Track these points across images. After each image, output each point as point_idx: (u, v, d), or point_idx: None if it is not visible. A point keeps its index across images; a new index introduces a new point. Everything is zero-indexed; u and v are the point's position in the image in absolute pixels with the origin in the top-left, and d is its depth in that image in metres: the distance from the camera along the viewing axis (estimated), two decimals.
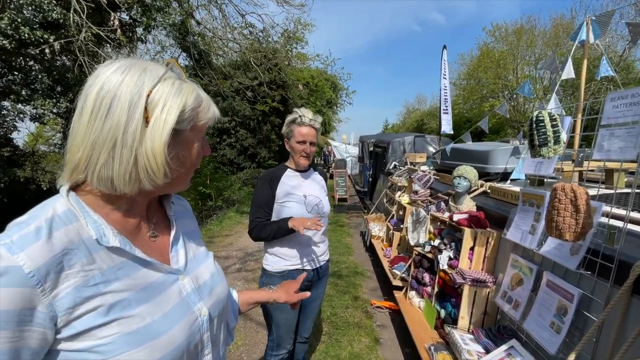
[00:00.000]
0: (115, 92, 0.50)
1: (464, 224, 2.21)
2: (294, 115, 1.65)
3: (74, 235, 0.50)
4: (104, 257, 0.52)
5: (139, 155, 0.52)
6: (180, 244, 0.68)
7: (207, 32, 8.50)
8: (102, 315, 0.49)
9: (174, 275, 0.62)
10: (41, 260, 0.45)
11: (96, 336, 0.49)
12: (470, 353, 1.83)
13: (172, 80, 0.55)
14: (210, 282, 0.69)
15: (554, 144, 1.47)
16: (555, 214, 1.29)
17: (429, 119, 34.28)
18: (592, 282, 1.37)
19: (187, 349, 0.59)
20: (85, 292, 0.49)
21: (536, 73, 18.67)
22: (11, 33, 4.19)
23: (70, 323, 0.48)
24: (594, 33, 2.38)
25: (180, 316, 0.59)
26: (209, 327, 0.65)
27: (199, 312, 0.63)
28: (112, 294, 0.51)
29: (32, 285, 0.44)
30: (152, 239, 0.64)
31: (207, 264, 0.72)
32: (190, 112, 0.56)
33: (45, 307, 0.46)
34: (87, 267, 0.50)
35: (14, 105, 4.98)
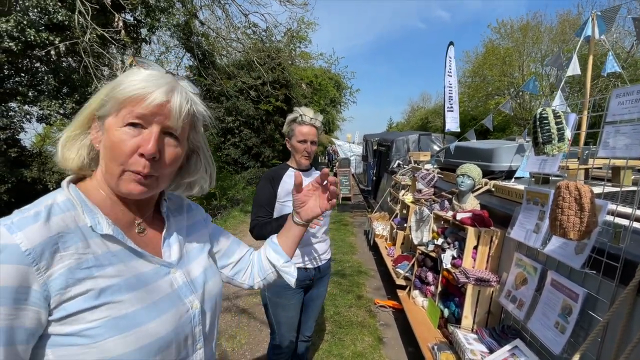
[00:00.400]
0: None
1: (467, 222, 2.19)
2: (294, 115, 1.65)
3: (70, 222, 0.53)
4: (98, 243, 0.55)
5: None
6: (174, 239, 0.70)
7: (211, 32, 8.53)
8: (93, 299, 0.51)
9: (165, 268, 0.64)
10: (37, 240, 0.48)
11: (85, 319, 0.50)
12: (474, 353, 1.81)
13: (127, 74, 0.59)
14: (203, 277, 0.71)
15: (558, 142, 1.45)
16: (559, 213, 1.27)
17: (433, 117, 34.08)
18: (597, 281, 1.35)
19: (176, 340, 0.60)
20: (78, 274, 0.51)
21: (542, 70, 18.45)
22: (17, 35, 4.24)
23: (62, 304, 0.49)
24: (599, 28, 2.35)
25: (170, 306, 0.60)
26: (201, 320, 0.66)
27: (190, 304, 0.64)
28: (104, 279, 0.53)
29: (27, 263, 0.46)
30: (141, 234, 0.65)
31: (201, 259, 0.73)
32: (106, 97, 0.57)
33: (39, 286, 0.47)
34: (81, 251, 0.52)
35: (20, 106, 5.04)
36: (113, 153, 0.56)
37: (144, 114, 0.56)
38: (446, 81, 5.51)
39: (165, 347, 0.57)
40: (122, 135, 0.55)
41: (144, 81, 0.56)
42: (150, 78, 0.57)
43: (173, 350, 0.59)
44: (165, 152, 0.59)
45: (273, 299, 1.69)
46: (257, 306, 3.29)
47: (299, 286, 1.71)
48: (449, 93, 5.53)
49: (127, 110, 0.55)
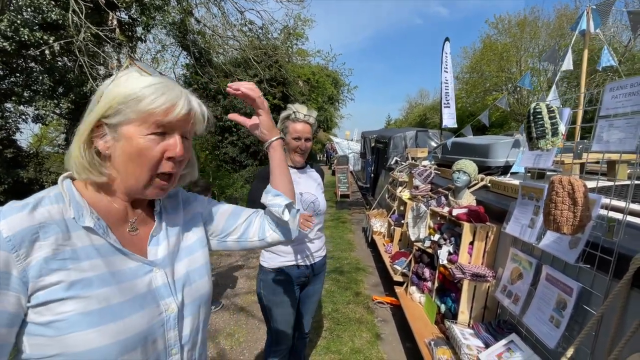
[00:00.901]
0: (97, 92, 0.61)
1: (463, 218, 2.20)
2: (288, 112, 1.65)
3: (55, 213, 0.55)
4: (82, 236, 0.56)
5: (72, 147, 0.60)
6: (162, 237, 0.70)
7: (207, 30, 8.48)
8: (62, 291, 0.52)
9: (147, 266, 0.64)
10: (18, 228, 0.50)
11: (54, 311, 0.51)
12: (470, 348, 1.82)
13: (128, 75, 0.61)
14: (186, 277, 0.69)
15: (552, 136, 1.45)
16: (552, 207, 1.27)
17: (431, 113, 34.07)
18: (592, 275, 1.36)
19: (145, 342, 0.58)
20: (52, 264, 0.52)
21: (540, 65, 18.44)
22: (11, 35, 4.20)
23: (36, 292, 0.51)
24: (594, 22, 2.34)
25: (141, 307, 0.59)
26: (177, 325, 0.64)
27: (165, 307, 0.63)
28: (76, 272, 0.54)
29: (8, 250, 0.49)
30: (132, 232, 0.66)
31: (189, 260, 0.72)
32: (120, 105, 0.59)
33: (19, 272, 0.50)
34: (60, 242, 0.54)
35: (16, 106, 5.01)
36: (141, 159, 0.60)
37: (171, 123, 0.61)
38: (442, 77, 5.50)
39: (130, 349, 0.56)
40: (148, 143, 0.59)
41: (164, 94, 0.59)
42: (166, 89, 0.60)
43: (139, 352, 0.57)
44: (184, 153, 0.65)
45: (268, 296, 1.69)
46: (255, 304, 3.29)
47: (295, 283, 1.71)
48: (445, 89, 5.52)
49: (152, 120, 0.59)
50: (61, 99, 5.26)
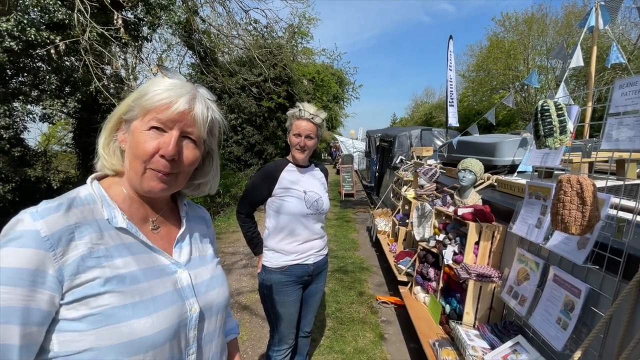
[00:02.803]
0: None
1: (468, 218, 2.17)
2: (294, 109, 1.65)
3: (88, 214, 0.58)
4: (113, 235, 0.59)
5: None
6: (186, 242, 0.73)
7: (212, 29, 8.50)
8: (99, 286, 0.54)
9: (173, 266, 0.66)
10: (56, 228, 0.52)
11: (90, 305, 0.53)
12: (475, 349, 1.80)
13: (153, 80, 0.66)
14: (209, 282, 0.72)
15: (560, 135, 1.42)
16: (560, 207, 1.25)
17: (437, 112, 33.86)
18: (600, 276, 1.33)
19: (170, 340, 0.60)
20: (88, 262, 0.54)
21: (547, 63, 18.21)
22: (18, 34, 4.24)
23: (72, 289, 0.53)
24: (603, 19, 2.29)
25: (169, 304, 0.61)
26: (197, 325, 0.66)
27: (190, 306, 0.65)
28: (111, 269, 0.56)
29: (46, 248, 0.51)
30: (154, 231, 0.69)
31: (210, 267, 0.75)
32: (134, 102, 0.63)
33: (55, 270, 0.51)
34: (95, 241, 0.56)
35: (23, 106, 5.06)
36: (137, 152, 0.62)
37: (167, 120, 0.62)
38: (448, 75, 5.45)
39: (159, 344, 0.58)
40: (145, 137, 0.62)
41: (168, 90, 0.62)
42: (173, 87, 0.63)
43: (166, 349, 0.59)
44: (183, 153, 0.65)
45: (271, 295, 1.69)
46: (258, 303, 3.29)
47: (298, 282, 1.71)
48: (450, 87, 5.47)
49: (151, 115, 0.61)
50: (68, 98, 5.31)
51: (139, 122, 0.62)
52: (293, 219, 1.64)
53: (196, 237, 0.77)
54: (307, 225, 1.67)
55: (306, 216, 1.65)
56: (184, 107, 0.62)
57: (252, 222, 1.78)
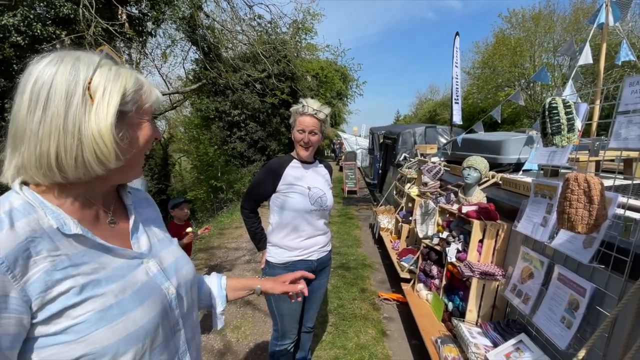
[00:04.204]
0: (50, 83, 0.51)
1: (473, 216, 2.16)
2: (298, 105, 1.64)
3: (35, 225, 0.51)
4: (66, 245, 0.54)
5: (85, 140, 0.53)
6: (141, 230, 0.71)
7: (216, 24, 8.49)
8: (75, 295, 0.51)
9: (137, 259, 0.65)
10: (7, 248, 0.47)
11: (70, 316, 0.51)
12: (478, 347, 1.80)
13: (109, 66, 0.57)
14: (175, 264, 0.73)
15: (568, 132, 1.40)
16: (567, 206, 1.24)
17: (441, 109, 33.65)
18: (606, 276, 1.32)
19: (162, 324, 0.63)
20: (55, 275, 0.51)
21: (554, 60, 18.01)
22: (24, 29, 4.27)
23: (45, 306, 0.50)
24: (613, 15, 2.26)
25: (150, 294, 0.62)
26: (179, 305, 0.69)
27: (167, 290, 0.66)
28: (82, 276, 0.53)
29: (2, 272, 0.46)
30: (112, 225, 0.66)
31: (171, 249, 0.75)
32: (132, 94, 0.59)
33: (17, 292, 0.47)
34: (53, 253, 0.51)
35: None
36: (150, 144, 0.65)
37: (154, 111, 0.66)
38: (453, 72, 5.41)
39: (152, 332, 0.60)
40: (152, 129, 0.64)
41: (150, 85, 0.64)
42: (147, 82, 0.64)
43: (160, 331, 0.62)
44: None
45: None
46: (261, 298, 3.31)
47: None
48: (455, 85, 5.43)
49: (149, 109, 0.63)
50: None
51: (137, 114, 0.61)
52: (297, 215, 1.64)
53: (148, 222, 0.75)
54: (310, 221, 1.67)
55: (310, 212, 1.65)
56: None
57: (256, 218, 1.79)
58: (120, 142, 0.57)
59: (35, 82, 0.51)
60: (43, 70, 0.52)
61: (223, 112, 10.34)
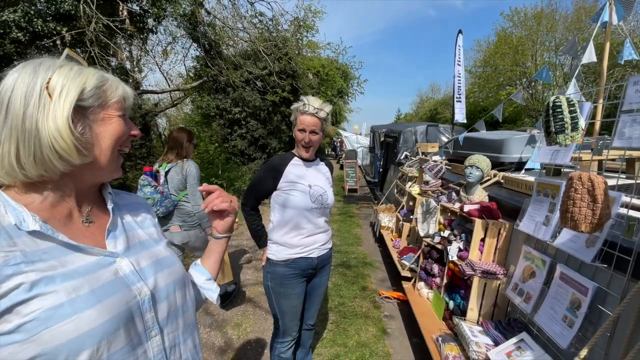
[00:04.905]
0: (10, 88, 0.54)
1: (474, 214, 2.16)
2: (298, 103, 1.63)
3: None
4: (26, 241, 0.54)
5: (43, 136, 0.54)
6: (120, 230, 0.70)
7: (217, 21, 8.45)
8: (25, 292, 0.50)
9: (109, 258, 0.63)
10: None
11: (21, 314, 0.50)
12: (479, 345, 1.80)
13: (70, 66, 0.59)
14: (155, 265, 0.71)
15: (572, 131, 1.40)
16: (570, 204, 1.23)
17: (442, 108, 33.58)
18: (608, 275, 1.32)
19: (124, 325, 0.59)
20: (6, 270, 0.50)
21: (556, 59, 17.95)
22: (25, 25, 4.25)
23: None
24: (617, 14, 2.24)
25: (113, 292, 0.59)
26: (152, 307, 0.66)
27: (138, 291, 0.64)
28: (35, 272, 0.52)
29: None
30: (86, 224, 0.66)
31: (154, 250, 0.74)
32: (94, 90, 0.60)
33: None
34: (7, 249, 0.51)
35: None
36: (120, 139, 0.65)
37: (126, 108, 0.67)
38: (455, 70, 5.39)
39: (111, 332, 0.57)
40: (123, 124, 0.65)
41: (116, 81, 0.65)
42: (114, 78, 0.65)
43: (122, 334, 0.58)
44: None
45: (276, 288, 1.70)
46: (262, 295, 3.32)
47: (302, 275, 1.72)
48: (458, 83, 5.41)
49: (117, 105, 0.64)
50: None
51: (102, 109, 0.62)
52: (298, 212, 1.64)
53: (131, 224, 0.74)
54: (311, 219, 1.67)
55: (311, 210, 1.65)
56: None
57: (257, 215, 1.79)
58: (81, 136, 0.58)
59: (0, 91, 0.54)
60: (7, 78, 0.55)
61: (224, 110, 10.31)
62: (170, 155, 2.53)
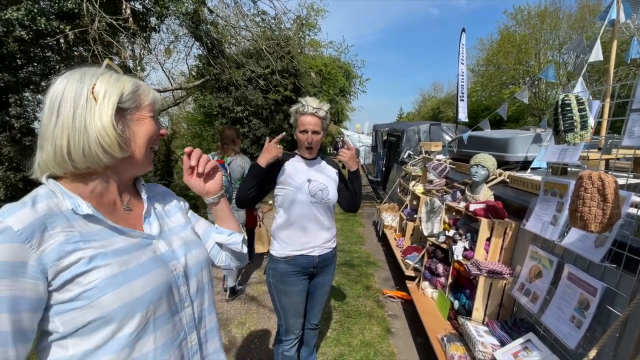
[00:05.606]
0: (61, 93, 0.63)
1: (480, 214, 2.14)
2: (297, 105, 1.64)
3: (53, 206, 0.62)
4: (81, 224, 0.64)
5: (90, 133, 0.63)
6: (153, 217, 0.80)
7: (220, 20, 8.43)
8: (85, 265, 0.60)
9: (147, 239, 0.74)
10: (27, 221, 0.56)
11: (81, 284, 0.59)
12: (485, 345, 1.79)
13: (110, 74, 0.69)
14: (185, 246, 0.81)
15: (581, 130, 1.38)
16: (580, 204, 1.22)
17: (445, 106, 33.46)
18: (617, 275, 1.31)
19: (166, 295, 0.70)
20: (67, 247, 0.59)
21: (560, 58, 17.84)
22: (28, 24, 4.25)
23: (59, 274, 0.58)
24: (624, 12, 2.22)
25: (155, 267, 0.70)
26: (185, 282, 0.77)
27: (173, 267, 0.74)
28: (92, 249, 0.62)
29: (21, 241, 0.55)
30: (127, 212, 0.76)
31: (182, 235, 0.83)
32: (130, 95, 0.69)
33: (35, 260, 0.56)
34: (67, 229, 0.61)
35: (34, 95, 5.08)
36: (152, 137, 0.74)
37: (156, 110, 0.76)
38: (459, 69, 5.36)
39: (156, 300, 0.67)
40: (154, 124, 0.74)
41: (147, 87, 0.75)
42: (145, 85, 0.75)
43: (164, 303, 0.69)
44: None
45: (277, 285, 1.70)
46: (266, 294, 3.32)
47: (303, 273, 1.71)
48: (461, 82, 5.38)
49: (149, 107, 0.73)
50: None
51: (137, 111, 0.71)
52: (298, 208, 1.64)
53: (161, 211, 0.84)
54: (312, 215, 1.67)
55: (310, 206, 1.65)
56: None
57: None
58: (122, 134, 0.67)
59: (51, 95, 0.64)
60: (57, 85, 0.64)
61: (226, 109, 10.31)
62: (229, 151, 3.08)
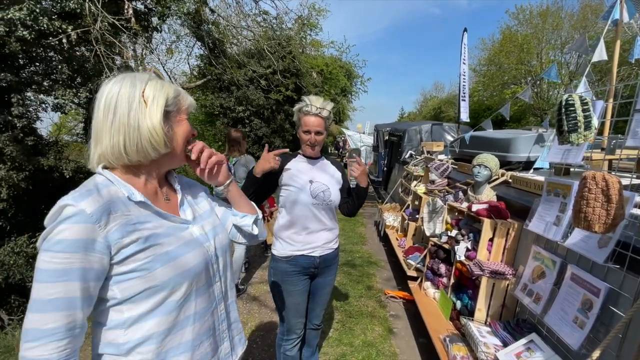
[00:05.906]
0: (116, 95, 0.74)
1: (483, 214, 2.14)
2: (301, 104, 1.63)
3: (113, 193, 0.73)
4: (134, 209, 0.75)
5: (143, 132, 0.74)
6: (186, 205, 0.92)
7: (221, 20, 8.44)
8: (141, 243, 0.72)
9: (185, 224, 0.86)
10: (96, 205, 0.68)
11: (137, 259, 0.71)
12: (487, 346, 1.79)
13: (156, 80, 0.79)
14: (213, 230, 0.93)
15: (585, 130, 1.38)
16: (584, 204, 1.22)
17: (446, 106, 33.35)
18: (621, 276, 1.30)
19: (205, 270, 0.83)
20: (128, 228, 0.72)
21: (562, 58, 17.78)
22: (30, 23, 4.25)
23: (120, 250, 0.70)
24: (628, 11, 2.21)
25: (195, 246, 0.83)
26: (216, 260, 0.90)
27: (207, 247, 0.87)
28: (146, 230, 0.75)
29: (92, 222, 0.67)
30: (166, 201, 0.87)
31: (210, 220, 0.95)
32: (173, 99, 0.80)
33: (102, 238, 0.68)
34: (126, 213, 0.73)
35: (36, 95, 5.09)
36: (187, 136, 0.84)
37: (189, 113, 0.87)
38: (461, 69, 5.35)
39: (198, 273, 0.81)
40: (189, 125, 0.85)
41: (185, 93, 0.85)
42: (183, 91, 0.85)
43: (203, 277, 0.83)
44: None
45: (278, 284, 1.70)
46: (267, 294, 3.32)
47: (304, 273, 1.71)
48: (463, 81, 5.38)
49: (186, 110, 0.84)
50: (79, 89, 5.32)
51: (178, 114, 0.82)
52: (300, 209, 1.64)
53: (191, 200, 0.95)
54: (314, 216, 1.66)
55: (312, 207, 1.64)
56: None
57: None
58: (167, 133, 0.78)
59: (106, 97, 0.74)
60: (111, 87, 0.74)
61: (227, 109, 10.32)
62: (234, 152, 3.22)
